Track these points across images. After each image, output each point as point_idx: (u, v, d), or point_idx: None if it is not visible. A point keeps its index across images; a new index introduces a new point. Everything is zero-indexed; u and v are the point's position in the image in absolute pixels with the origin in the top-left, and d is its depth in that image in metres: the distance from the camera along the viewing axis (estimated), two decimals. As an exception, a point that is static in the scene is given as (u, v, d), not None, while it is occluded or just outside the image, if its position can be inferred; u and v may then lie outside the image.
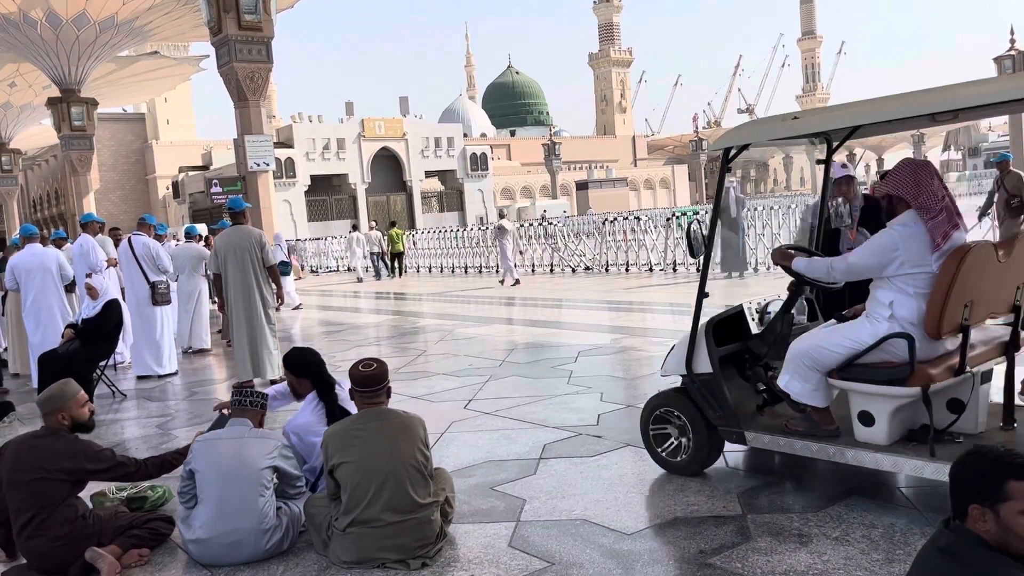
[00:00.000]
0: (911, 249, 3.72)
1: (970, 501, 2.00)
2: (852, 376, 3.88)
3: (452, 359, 9.06)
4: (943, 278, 3.65)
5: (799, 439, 4.09)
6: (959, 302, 3.67)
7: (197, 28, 32.49)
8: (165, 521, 4.20)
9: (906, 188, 3.78)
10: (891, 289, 3.81)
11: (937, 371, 3.73)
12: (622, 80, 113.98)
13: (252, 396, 4.16)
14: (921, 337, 3.73)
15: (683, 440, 4.55)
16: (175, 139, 72.61)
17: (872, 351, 3.80)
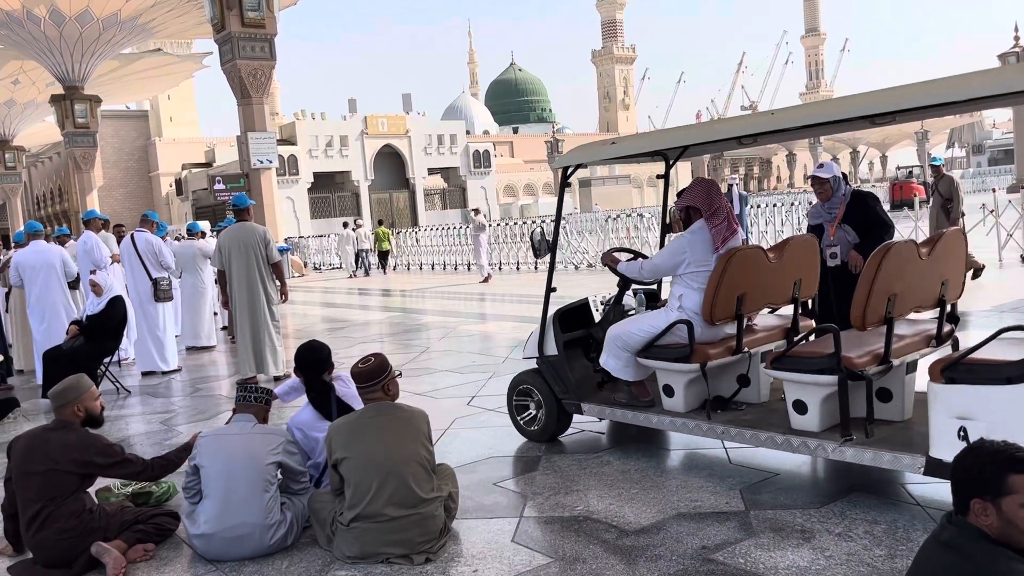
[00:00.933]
0: (697, 251, 4.51)
1: (972, 495, 2.00)
2: (652, 355, 4.63)
3: (455, 356, 9.07)
4: (714, 274, 4.35)
5: (621, 408, 4.86)
6: (731, 295, 4.37)
7: (200, 25, 32.52)
8: (170, 516, 4.22)
9: (700, 201, 4.58)
10: (681, 284, 4.61)
11: (715, 351, 4.49)
12: (625, 77, 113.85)
13: (256, 392, 4.17)
14: (701, 323, 4.46)
15: (538, 412, 5.30)
16: (178, 136, 72.64)
17: (665, 335, 4.56)
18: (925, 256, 4.08)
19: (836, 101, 4.07)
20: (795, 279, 4.77)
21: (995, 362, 3.38)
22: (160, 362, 9.50)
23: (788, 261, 4.68)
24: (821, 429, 4.02)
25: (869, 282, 3.84)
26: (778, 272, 4.65)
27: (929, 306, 4.29)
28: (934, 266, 4.18)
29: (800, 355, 4.08)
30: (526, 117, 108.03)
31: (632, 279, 4.99)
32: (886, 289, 3.88)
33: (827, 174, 5.59)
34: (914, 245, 4.05)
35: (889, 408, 4.20)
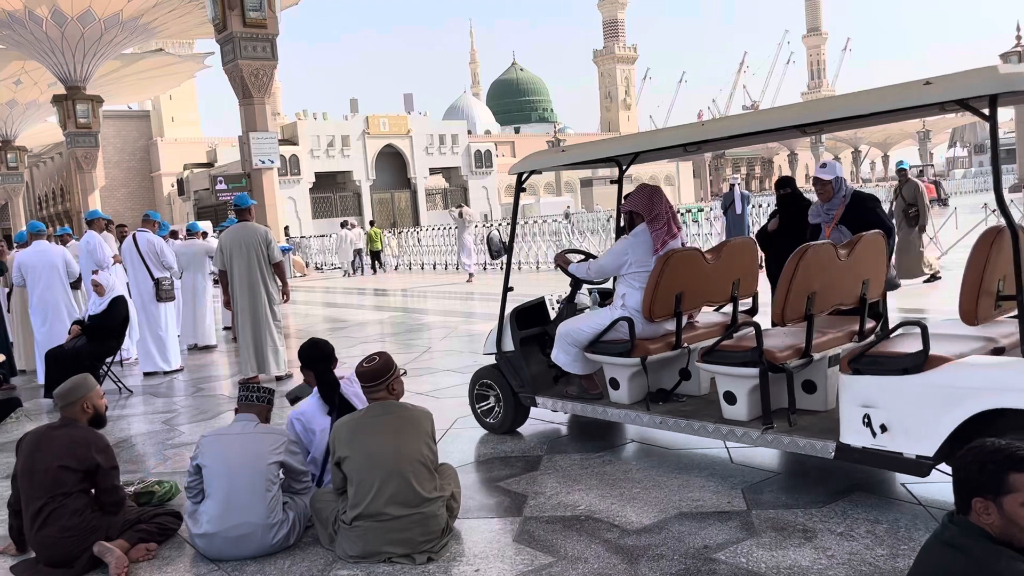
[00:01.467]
0: (638, 252, 4.81)
1: (973, 495, 2.01)
2: (598, 350, 4.90)
3: (456, 356, 9.07)
4: (653, 274, 4.64)
5: (572, 401, 5.14)
6: (669, 293, 4.67)
7: (202, 25, 32.53)
8: (172, 516, 4.22)
9: (642, 207, 4.87)
10: (624, 284, 4.88)
11: (655, 346, 4.78)
12: (627, 77, 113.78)
13: (258, 392, 4.17)
14: (642, 320, 4.74)
15: (497, 406, 5.59)
16: (180, 136, 72.65)
17: (610, 331, 4.83)
18: (844, 257, 4.31)
19: (764, 112, 4.40)
20: (733, 279, 5.11)
21: (894, 354, 3.63)
22: (162, 362, 9.50)
23: (725, 262, 5.00)
24: (749, 418, 4.28)
25: (788, 281, 4.05)
26: (715, 273, 4.96)
27: (851, 303, 4.52)
28: (854, 267, 4.40)
29: (727, 349, 4.33)
30: (528, 117, 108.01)
31: (581, 279, 5.27)
32: (805, 288, 4.10)
33: (829, 175, 5.54)
34: (832, 247, 4.28)
35: (813, 399, 4.44)
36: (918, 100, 3.48)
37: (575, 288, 5.53)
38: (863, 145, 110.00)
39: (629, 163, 5.64)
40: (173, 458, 5.83)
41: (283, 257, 8.52)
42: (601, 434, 5.48)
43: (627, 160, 5.61)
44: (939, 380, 3.46)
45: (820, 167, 5.65)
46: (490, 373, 5.62)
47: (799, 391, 4.41)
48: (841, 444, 3.80)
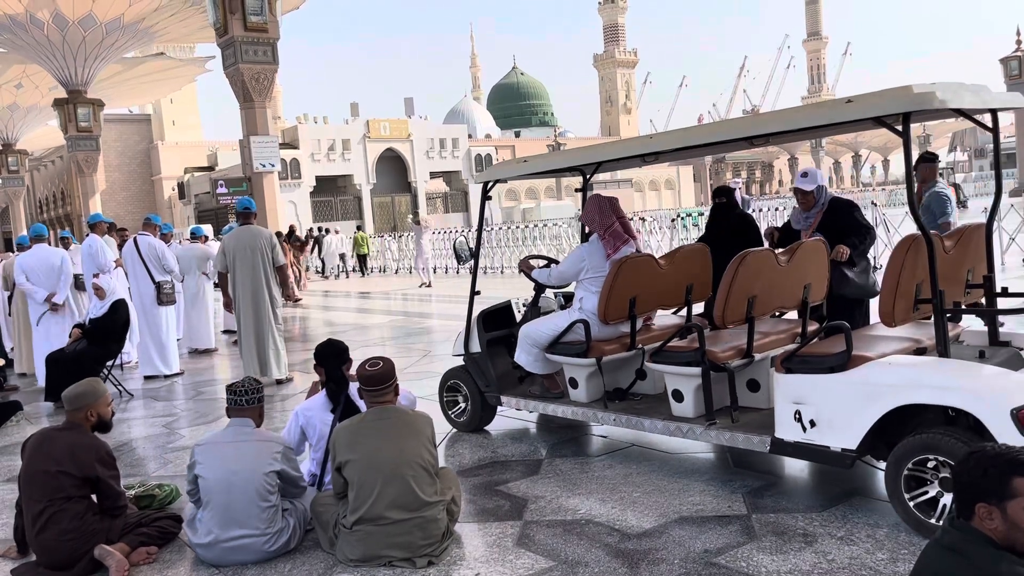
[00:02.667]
0: (594, 259, 5.06)
1: (977, 500, 2.01)
2: (558, 351, 5.13)
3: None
4: (607, 279, 4.86)
5: (534, 400, 5.37)
6: (624, 297, 4.88)
7: (203, 29, 32.60)
8: (173, 520, 4.22)
9: (592, 216, 5.14)
10: (582, 289, 5.15)
11: (610, 347, 5.00)
12: (627, 81, 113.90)
13: (247, 394, 4.06)
14: (597, 323, 4.96)
15: (466, 405, 5.82)
16: (181, 140, 72.71)
17: (568, 332, 5.07)
18: (784, 263, 4.49)
19: (712, 125, 4.91)
20: (687, 284, 5.33)
21: (822, 354, 3.85)
22: (162, 366, 9.50)
23: (678, 268, 5.24)
24: (696, 415, 4.50)
25: (727, 285, 4.23)
26: (669, 278, 5.18)
27: (792, 307, 4.70)
28: (794, 271, 4.57)
29: (674, 350, 4.55)
30: (528, 121, 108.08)
31: (543, 284, 5.49)
32: (745, 291, 4.28)
33: (810, 186, 5.47)
34: (771, 253, 4.47)
35: (757, 397, 4.65)
36: (841, 117, 3.76)
37: (539, 292, 5.76)
38: (863, 150, 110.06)
39: (593, 172, 5.88)
40: (174, 461, 5.83)
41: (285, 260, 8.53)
42: (601, 439, 5.48)
43: (590, 169, 5.82)
44: (860, 378, 3.69)
45: (801, 176, 5.58)
46: (458, 373, 5.85)
47: (744, 390, 4.65)
48: (775, 439, 4.01)
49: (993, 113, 4.01)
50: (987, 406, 3.32)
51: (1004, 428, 3.26)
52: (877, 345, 3.93)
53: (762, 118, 4.31)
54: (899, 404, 3.55)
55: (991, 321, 4.14)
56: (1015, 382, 3.42)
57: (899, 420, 3.66)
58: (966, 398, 3.38)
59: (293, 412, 4.49)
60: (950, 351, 3.73)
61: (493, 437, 5.74)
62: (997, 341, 4.10)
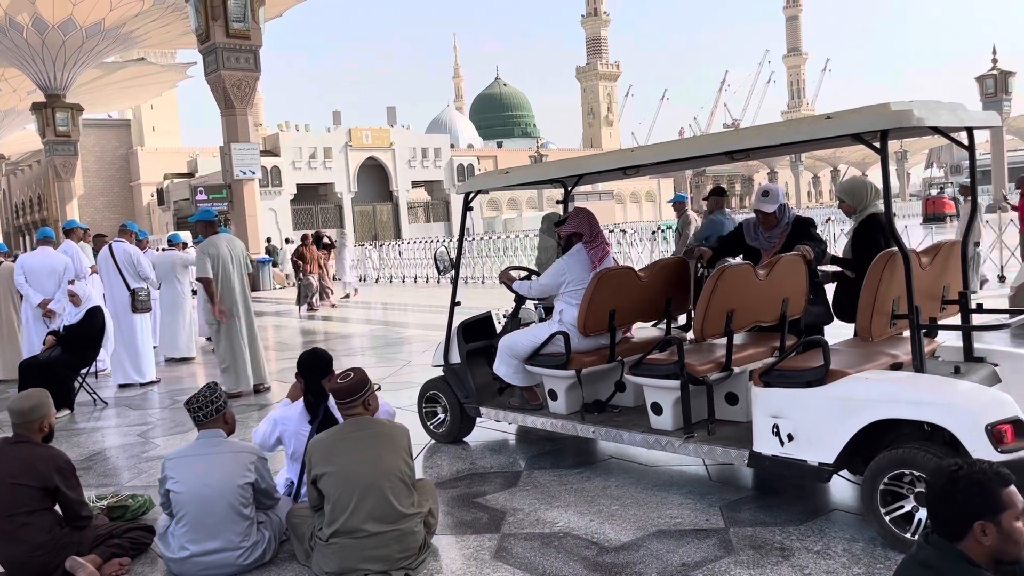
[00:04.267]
0: (575, 271, 5.09)
1: (974, 519, 2.01)
2: (537, 363, 5.15)
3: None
4: (587, 292, 4.86)
5: (513, 412, 5.35)
6: (603, 310, 4.89)
7: (184, 35, 32.42)
8: (145, 531, 4.16)
9: (583, 227, 5.18)
10: (562, 301, 5.15)
11: (590, 359, 5.02)
12: (609, 94, 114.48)
13: (208, 406, 3.92)
14: (577, 335, 4.97)
15: (445, 416, 5.81)
16: (160, 146, 72.24)
17: (547, 344, 5.08)
18: (763, 277, 4.51)
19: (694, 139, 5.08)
20: (666, 297, 5.34)
21: (800, 368, 3.87)
22: (135, 374, 9.38)
23: (657, 281, 5.25)
24: (675, 428, 4.51)
25: (707, 300, 4.28)
26: (648, 290, 5.20)
27: (771, 320, 4.71)
28: (773, 286, 4.59)
29: (653, 362, 4.56)
30: (510, 132, 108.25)
31: (524, 296, 5.53)
32: (724, 306, 4.32)
33: (772, 207, 5.12)
34: (751, 267, 4.50)
35: (736, 410, 4.65)
36: (821, 133, 3.78)
37: (519, 303, 5.77)
38: (842, 164, 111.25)
39: (574, 184, 5.91)
40: (148, 471, 5.75)
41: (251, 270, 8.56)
42: (580, 451, 5.48)
43: (571, 181, 5.86)
44: (838, 393, 3.70)
45: (762, 196, 5.19)
46: (438, 384, 5.85)
47: (722, 403, 4.66)
48: (753, 452, 4.01)
49: (969, 131, 4.06)
50: (962, 422, 3.35)
51: (979, 444, 3.29)
52: (854, 360, 3.95)
53: (744, 133, 4.34)
54: (876, 419, 3.57)
55: (966, 337, 4.18)
56: (990, 398, 3.46)
57: (875, 435, 3.68)
58: (942, 413, 3.41)
59: (271, 419, 4.45)
60: (926, 367, 3.76)
61: (472, 449, 5.71)
62: (972, 357, 4.14)
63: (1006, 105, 47.54)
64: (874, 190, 4.97)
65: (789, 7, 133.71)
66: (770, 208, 5.12)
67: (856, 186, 5.09)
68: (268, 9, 27.47)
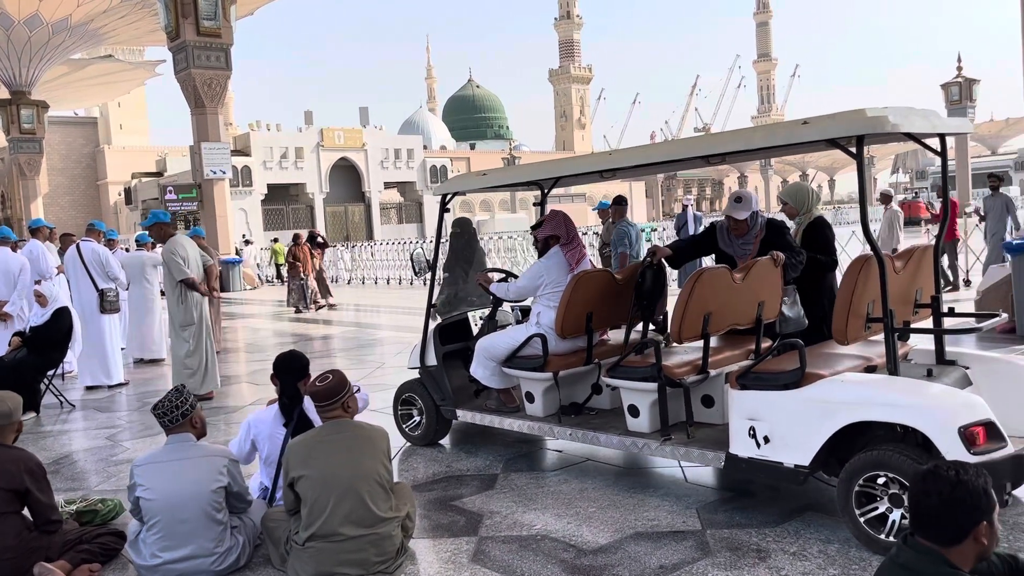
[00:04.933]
0: (553, 273, 5.10)
1: (979, 521, 2.03)
2: (514, 365, 5.15)
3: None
4: (564, 294, 4.89)
5: (490, 414, 5.34)
6: (580, 313, 4.91)
7: (153, 33, 32.03)
8: (116, 536, 4.09)
9: (560, 229, 5.21)
10: (540, 304, 5.18)
11: (567, 362, 5.04)
12: (582, 96, 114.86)
13: (175, 410, 3.84)
14: (555, 337, 4.99)
15: (420, 418, 5.78)
16: (128, 144, 71.18)
17: (525, 347, 5.09)
18: (739, 281, 4.54)
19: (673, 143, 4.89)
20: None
21: (776, 371, 3.89)
22: (103, 376, 9.24)
23: (633, 283, 5.21)
24: (651, 430, 4.52)
25: (684, 302, 4.28)
26: (624, 293, 5.19)
27: (747, 323, 4.74)
28: (749, 290, 4.62)
29: (630, 365, 4.57)
30: (483, 134, 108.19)
31: (501, 298, 5.50)
32: (701, 308, 4.34)
33: (745, 213, 5.05)
34: (728, 271, 4.52)
35: (712, 413, 4.68)
36: (798, 138, 3.81)
37: (496, 305, 5.75)
38: (811, 169, 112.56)
39: (551, 186, 5.92)
40: (117, 475, 5.65)
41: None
42: (556, 453, 5.47)
43: (548, 184, 5.87)
44: (814, 395, 3.73)
45: (734, 202, 5.09)
46: (414, 387, 5.82)
47: (699, 405, 4.68)
48: (730, 455, 4.03)
49: (942, 138, 4.12)
50: (936, 424, 3.40)
51: (952, 446, 3.33)
52: (829, 363, 3.99)
53: (722, 137, 4.37)
54: (852, 421, 3.61)
55: (938, 340, 4.24)
56: (962, 401, 3.51)
57: (849, 437, 3.71)
58: (916, 416, 3.46)
59: (245, 422, 4.39)
60: (899, 369, 3.81)
61: (447, 451, 5.69)
62: (944, 360, 4.20)
63: (970, 112, 48.35)
64: (815, 195, 5.40)
65: (759, 13, 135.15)
66: (743, 215, 5.05)
67: (800, 191, 5.46)
68: (239, 7, 27.23)
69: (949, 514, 2.04)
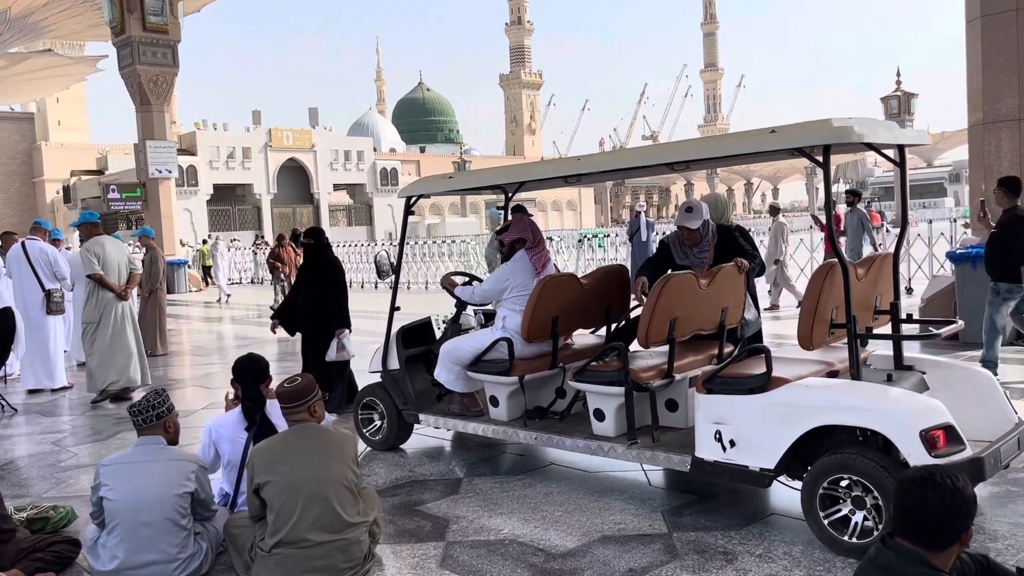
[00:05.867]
0: (519, 277, 5.11)
1: (968, 526, 2.09)
2: (479, 369, 5.12)
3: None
4: (531, 298, 4.88)
5: (453, 418, 5.31)
6: (546, 316, 4.91)
7: (96, 27, 31.16)
8: (70, 544, 3.95)
9: (526, 233, 5.21)
10: (505, 307, 5.17)
11: (532, 366, 5.03)
12: (532, 102, 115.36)
13: (150, 410, 3.77)
14: (520, 341, 4.98)
15: (382, 423, 5.71)
16: (67, 141, 69.20)
17: (490, 351, 5.07)
18: (704, 286, 4.61)
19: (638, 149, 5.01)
20: (607, 304, 5.36)
21: (742, 375, 3.94)
22: (47, 379, 8.94)
23: (599, 287, 5.28)
24: (616, 434, 4.53)
25: (652, 307, 4.34)
26: (589, 297, 5.21)
27: (710, 328, 4.80)
28: (713, 295, 4.70)
29: (596, 369, 4.59)
30: (433, 137, 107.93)
31: (466, 302, 5.46)
32: (667, 313, 4.40)
33: (696, 223, 5.10)
34: (694, 277, 4.58)
35: (676, 417, 4.72)
36: (766, 146, 3.88)
37: (460, 309, 5.74)
38: (755, 178, 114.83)
39: (515, 191, 5.91)
40: (65, 481, 5.48)
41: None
42: (519, 457, 5.47)
43: (512, 188, 5.87)
44: (780, 399, 3.78)
45: (685, 212, 5.13)
46: (375, 390, 5.75)
47: (663, 409, 4.69)
48: (696, 458, 4.06)
49: (900, 149, 4.23)
50: (899, 428, 3.48)
51: (914, 449, 3.42)
52: (793, 368, 4.05)
53: (690, 144, 4.43)
54: (817, 425, 3.68)
55: (897, 346, 4.35)
56: (923, 405, 3.60)
57: (813, 440, 3.78)
58: (879, 420, 3.54)
59: (206, 427, 4.30)
60: (861, 374, 3.90)
61: (409, 456, 5.64)
62: (902, 365, 4.31)
63: (908, 125, 49.94)
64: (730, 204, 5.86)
65: (707, 24, 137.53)
66: (695, 224, 5.11)
67: (720, 200, 5.80)
68: (186, 4, 26.68)
69: (946, 521, 2.08)
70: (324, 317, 6.84)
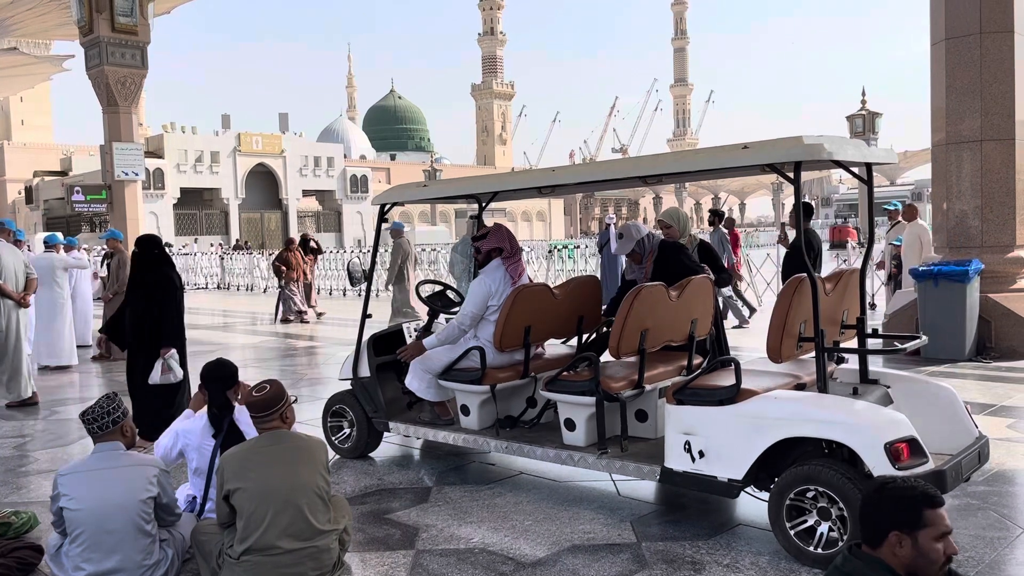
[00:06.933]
0: (496, 285, 5.09)
1: (891, 528, 2.13)
2: (451, 378, 5.14)
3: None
4: (503, 308, 4.90)
5: (424, 427, 5.32)
6: (519, 326, 4.94)
7: (63, 26, 30.66)
8: (33, 550, 3.89)
9: (504, 243, 5.21)
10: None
11: (504, 375, 5.06)
12: (503, 113, 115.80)
13: (105, 416, 3.69)
14: (493, 351, 5.01)
15: (351, 430, 5.71)
16: (30, 141, 68.00)
17: (463, 359, 5.09)
18: (675, 298, 4.69)
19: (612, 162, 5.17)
20: (579, 314, 5.42)
21: (712, 387, 4.01)
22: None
23: (572, 298, 5.32)
24: (587, 444, 4.57)
25: (623, 318, 4.39)
26: (562, 307, 5.26)
27: (680, 339, 4.87)
28: (683, 307, 4.78)
29: (568, 379, 4.62)
30: (404, 145, 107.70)
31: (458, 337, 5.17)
32: (638, 324, 4.45)
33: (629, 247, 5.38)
34: (664, 288, 4.64)
35: (645, 427, 4.77)
36: (738, 161, 3.95)
37: (432, 317, 5.79)
38: (722, 192, 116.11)
39: (489, 200, 5.94)
40: (27, 487, 5.38)
41: None
42: (488, 466, 5.47)
43: (487, 197, 5.88)
44: (749, 411, 3.85)
45: (618, 238, 5.48)
46: (345, 398, 5.75)
47: (632, 420, 4.74)
48: (665, 468, 4.11)
49: (868, 167, 4.32)
50: (864, 440, 3.55)
51: (878, 461, 3.49)
52: (761, 380, 4.12)
53: (665, 158, 4.49)
54: (785, 437, 3.74)
55: (862, 360, 4.43)
56: (888, 418, 3.68)
57: (780, 452, 3.85)
58: (845, 432, 3.61)
59: (172, 431, 4.24)
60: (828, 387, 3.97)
61: (378, 464, 5.63)
62: (867, 379, 4.40)
63: (873, 143, 50.84)
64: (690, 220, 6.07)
65: (677, 39, 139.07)
66: (624, 250, 5.46)
67: (680, 214, 6.06)
68: (156, 5, 26.39)
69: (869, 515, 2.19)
70: (149, 335, 6.21)
